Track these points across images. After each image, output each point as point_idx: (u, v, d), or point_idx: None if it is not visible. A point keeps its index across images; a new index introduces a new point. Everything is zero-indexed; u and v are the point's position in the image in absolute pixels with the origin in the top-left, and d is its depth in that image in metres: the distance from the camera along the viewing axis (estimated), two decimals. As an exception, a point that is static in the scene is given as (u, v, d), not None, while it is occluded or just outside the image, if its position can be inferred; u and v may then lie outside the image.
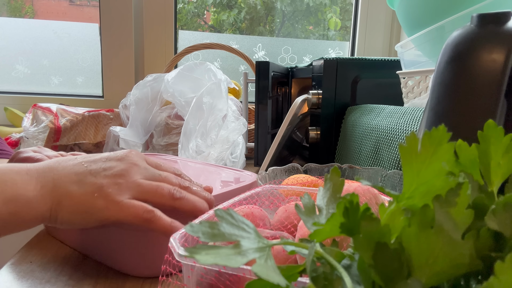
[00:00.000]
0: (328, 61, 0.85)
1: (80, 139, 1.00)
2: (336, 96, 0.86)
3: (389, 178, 0.63)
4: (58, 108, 1.01)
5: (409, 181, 0.20)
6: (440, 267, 0.17)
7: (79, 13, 1.42)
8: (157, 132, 1.04)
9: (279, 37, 1.54)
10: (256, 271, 0.17)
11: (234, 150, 0.84)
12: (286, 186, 0.46)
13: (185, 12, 1.49)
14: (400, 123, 0.67)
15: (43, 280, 0.42)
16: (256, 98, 0.94)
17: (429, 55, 0.75)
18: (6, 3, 1.38)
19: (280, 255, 0.30)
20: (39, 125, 0.97)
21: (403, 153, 0.20)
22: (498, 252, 0.18)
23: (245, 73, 0.98)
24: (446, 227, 0.18)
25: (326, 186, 0.24)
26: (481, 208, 0.19)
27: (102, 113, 1.07)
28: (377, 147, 0.71)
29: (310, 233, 0.21)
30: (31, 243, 0.51)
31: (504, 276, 0.15)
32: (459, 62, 0.37)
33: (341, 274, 0.18)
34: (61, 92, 1.38)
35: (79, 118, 1.00)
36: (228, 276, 0.26)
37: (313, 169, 0.69)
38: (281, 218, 0.38)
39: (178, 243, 0.28)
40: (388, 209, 0.20)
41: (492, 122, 0.22)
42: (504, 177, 0.22)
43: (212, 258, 0.17)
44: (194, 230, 0.19)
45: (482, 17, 0.36)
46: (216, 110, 0.79)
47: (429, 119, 0.39)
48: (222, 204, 0.38)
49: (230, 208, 0.21)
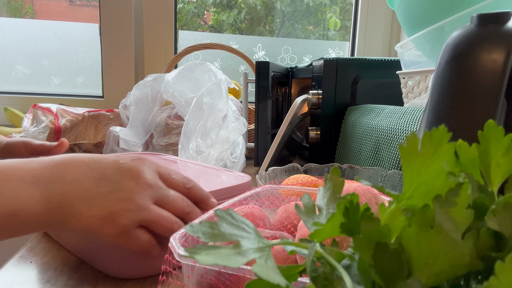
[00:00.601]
0: (328, 61, 0.85)
1: (80, 139, 1.00)
2: (336, 96, 0.86)
3: (389, 178, 0.63)
4: (58, 108, 1.01)
5: (409, 181, 0.20)
6: (440, 267, 0.17)
7: (79, 13, 1.42)
8: (157, 132, 1.04)
9: (279, 37, 1.54)
10: (256, 271, 0.17)
11: (234, 150, 0.84)
12: (286, 186, 0.46)
13: (185, 12, 1.49)
14: (400, 123, 0.67)
15: (43, 280, 0.42)
16: (256, 98, 0.94)
17: (429, 55, 0.75)
18: (6, 3, 1.38)
19: (280, 255, 0.30)
20: (39, 125, 0.97)
21: (403, 153, 0.20)
22: (498, 252, 0.18)
23: (245, 73, 0.98)
24: (446, 227, 0.18)
25: (326, 186, 0.24)
26: (481, 208, 0.19)
27: (102, 113, 1.07)
28: (377, 147, 0.71)
29: (310, 233, 0.21)
30: (31, 243, 0.51)
31: (504, 276, 0.15)
32: (459, 62, 0.37)
33: (341, 274, 0.18)
34: (61, 92, 1.38)
35: (79, 118, 1.00)
36: (228, 276, 0.26)
37: (313, 169, 0.69)
38: (281, 218, 0.38)
39: (178, 243, 0.28)
40: (388, 209, 0.20)
41: (492, 122, 0.22)
42: (504, 177, 0.22)
43: (212, 258, 0.17)
44: (194, 230, 0.19)
45: (482, 17, 0.36)
46: (216, 110, 0.79)
47: (429, 119, 0.39)
48: (222, 204, 0.38)
49: (230, 208, 0.21)
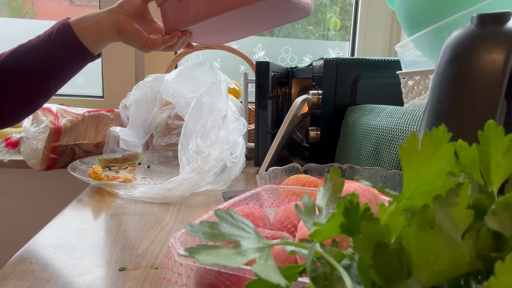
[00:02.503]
0: (328, 61, 0.85)
1: (80, 139, 1.00)
2: (336, 96, 0.86)
3: (389, 178, 0.63)
4: (58, 108, 1.01)
5: (409, 181, 0.20)
6: (440, 267, 0.17)
7: (79, 13, 1.42)
8: (157, 132, 1.04)
9: (279, 37, 1.54)
10: (256, 271, 0.17)
11: (234, 150, 0.84)
12: (286, 186, 0.46)
13: (185, 12, 1.49)
14: (400, 123, 0.67)
15: (43, 280, 0.42)
16: (256, 98, 0.94)
17: (429, 55, 0.75)
18: (6, 4, 1.38)
19: (280, 255, 0.30)
20: (39, 125, 0.97)
21: (403, 153, 0.20)
22: (498, 252, 0.18)
23: (245, 73, 0.98)
24: (446, 227, 0.18)
25: (326, 186, 0.24)
26: (481, 208, 0.19)
27: (102, 113, 1.07)
28: (377, 147, 0.71)
29: (310, 233, 0.21)
30: (31, 243, 0.51)
31: (504, 276, 0.15)
32: (459, 62, 0.37)
33: (341, 274, 0.18)
34: (61, 92, 1.37)
35: (79, 119, 1.00)
36: (228, 276, 0.26)
37: (313, 169, 0.69)
38: (281, 218, 0.38)
39: (178, 243, 0.28)
40: (388, 209, 0.20)
41: (492, 122, 0.22)
42: (504, 177, 0.22)
43: (212, 258, 0.17)
44: (194, 230, 0.19)
45: (482, 17, 0.36)
46: (216, 110, 0.79)
47: (429, 119, 0.39)
48: (222, 204, 0.38)
49: (230, 208, 0.21)
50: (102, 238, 0.54)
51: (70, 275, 0.43)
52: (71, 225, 0.58)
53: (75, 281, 0.42)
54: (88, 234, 0.55)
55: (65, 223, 0.59)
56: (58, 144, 0.96)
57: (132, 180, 0.84)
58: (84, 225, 0.59)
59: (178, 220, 0.62)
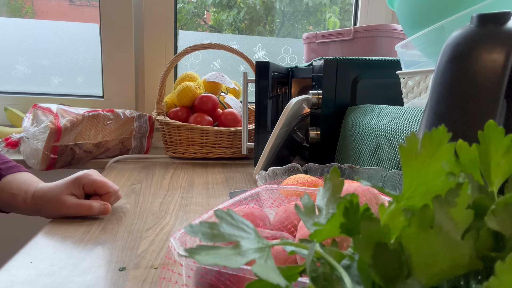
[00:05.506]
0: (328, 61, 0.85)
1: (80, 139, 1.00)
2: (336, 96, 0.86)
3: (389, 178, 0.63)
4: (58, 108, 1.01)
5: (409, 181, 0.20)
6: (440, 267, 0.17)
7: (79, 13, 1.42)
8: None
9: (279, 37, 1.54)
10: (256, 271, 0.17)
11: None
12: (286, 186, 0.46)
13: (185, 12, 1.49)
14: (400, 123, 0.67)
15: (43, 280, 0.42)
16: (256, 98, 0.94)
17: (429, 55, 0.75)
18: (6, 3, 1.38)
19: (280, 255, 0.30)
20: (39, 125, 0.97)
21: (403, 153, 0.20)
22: (498, 252, 0.18)
23: (245, 73, 0.98)
24: (446, 227, 0.18)
25: (326, 186, 0.24)
26: (481, 208, 0.19)
27: (102, 113, 1.07)
28: (377, 147, 0.71)
29: (310, 233, 0.21)
30: (32, 243, 0.51)
31: (504, 276, 0.15)
32: (459, 62, 0.37)
33: (341, 274, 0.18)
34: (61, 92, 1.38)
35: (79, 118, 1.00)
36: (228, 276, 0.26)
37: (313, 169, 0.69)
38: (281, 218, 0.38)
39: (178, 243, 0.28)
40: (388, 209, 0.20)
41: (492, 122, 0.22)
42: (504, 177, 0.22)
43: (212, 258, 0.17)
44: (194, 230, 0.19)
45: (482, 17, 0.36)
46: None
47: (429, 119, 0.39)
48: (222, 204, 0.38)
49: (230, 209, 0.21)
50: (102, 238, 0.54)
51: (70, 275, 0.43)
52: (71, 225, 0.58)
53: (75, 281, 0.42)
54: (88, 234, 0.55)
55: (65, 223, 0.59)
56: (58, 144, 0.96)
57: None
58: (84, 225, 0.59)
59: (178, 220, 0.62)
